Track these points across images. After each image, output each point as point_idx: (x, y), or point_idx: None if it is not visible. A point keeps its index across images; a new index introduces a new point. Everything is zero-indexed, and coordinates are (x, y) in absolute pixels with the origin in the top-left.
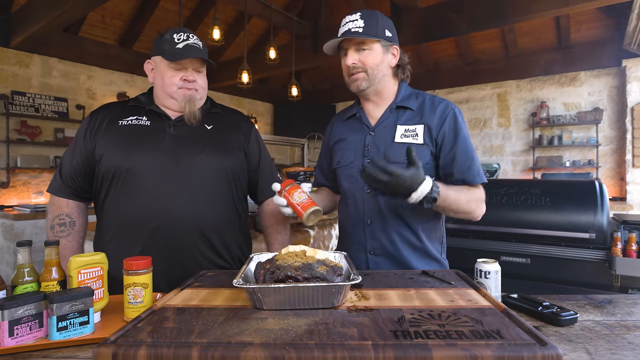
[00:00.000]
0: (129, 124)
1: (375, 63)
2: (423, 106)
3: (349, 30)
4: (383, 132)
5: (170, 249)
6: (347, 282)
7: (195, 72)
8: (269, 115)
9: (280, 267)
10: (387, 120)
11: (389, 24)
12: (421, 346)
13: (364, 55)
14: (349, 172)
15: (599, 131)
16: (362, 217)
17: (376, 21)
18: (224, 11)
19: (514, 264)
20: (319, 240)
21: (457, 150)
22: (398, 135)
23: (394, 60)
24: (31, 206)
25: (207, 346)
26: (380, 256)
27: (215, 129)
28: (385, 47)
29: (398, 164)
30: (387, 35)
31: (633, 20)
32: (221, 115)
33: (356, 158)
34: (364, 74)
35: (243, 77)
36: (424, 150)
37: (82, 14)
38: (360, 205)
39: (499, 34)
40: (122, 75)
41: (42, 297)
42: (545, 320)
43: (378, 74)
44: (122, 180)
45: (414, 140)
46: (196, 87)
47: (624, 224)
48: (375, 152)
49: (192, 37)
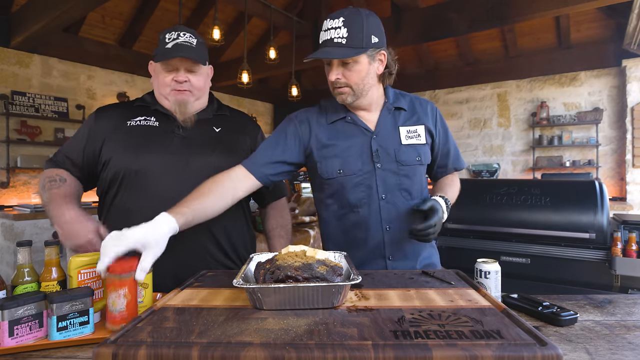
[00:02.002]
0: (137, 125)
1: (361, 77)
2: (413, 106)
3: (330, 39)
4: (387, 135)
5: (180, 250)
6: (347, 282)
7: (188, 72)
8: (269, 115)
9: (280, 267)
10: (387, 122)
11: (376, 26)
12: (421, 346)
13: (348, 70)
14: (357, 180)
15: (599, 131)
16: (380, 224)
17: (361, 27)
18: (224, 11)
19: (514, 264)
20: (319, 240)
21: (450, 145)
22: (403, 137)
23: (381, 67)
24: (31, 206)
25: (207, 346)
26: (398, 260)
27: (223, 131)
28: (371, 56)
29: (411, 165)
30: (373, 42)
31: (633, 20)
32: (228, 117)
33: (364, 164)
34: (348, 88)
35: (243, 77)
36: (427, 149)
37: (82, 14)
38: (376, 212)
39: (499, 34)
40: (122, 75)
41: (42, 297)
42: (545, 320)
43: (364, 87)
44: (132, 182)
45: (417, 141)
46: (189, 88)
47: (624, 224)
48: (386, 156)
49: (184, 35)
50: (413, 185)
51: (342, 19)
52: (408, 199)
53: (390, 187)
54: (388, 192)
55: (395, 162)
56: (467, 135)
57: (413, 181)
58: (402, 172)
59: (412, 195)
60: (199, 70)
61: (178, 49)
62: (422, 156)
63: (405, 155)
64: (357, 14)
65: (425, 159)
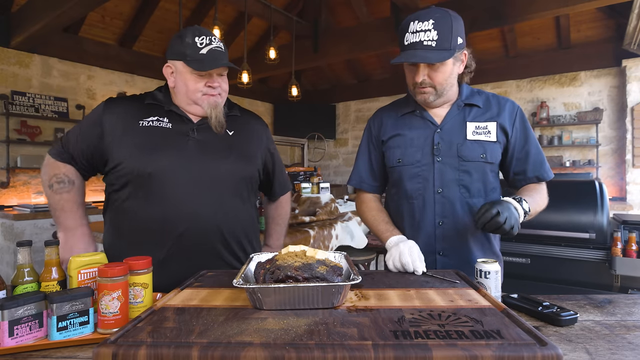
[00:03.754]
0: (150, 126)
1: (445, 78)
2: (489, 103)
3: (420, 42)
4: (452, 130)
5: (194, 254)
6: (347, 282)
7: (219, 77)
8: (269, 115)
9: (280, 267)
10: (455, 117)
11: (462, 27)
12: (421, 346)
13: (434, 71)
14: (415, 171)
15: (599, 131)
16: (433, 218)
17: (450, 29)
18: (224, 11)
19: (514, 264)
20: (319, 240)
21: (530, 148)
22: (470, 133)
23: (462, 67)
24: (31, 206)
25: (207, 346)
26: (448, 257)
27: (236, 135)
28: (455, 57)
29: (474, 162)
30: (459, 43)
31: (633, 20)
32: (239, 119)
33: (423, 156)
34: (432, 89)
35: (243, 77)
36: (496, 148)
37: (82, 14)
38: (431, 206)
39: (499, 34)
40: (122, 75)
41: (42, 297)
42: (545, 320)
43: (447, 87)
44: (145, 185)
45: (486, 138)
46: (220, 92)
47: (624, 224)
48: (447, 150)
49: (215, 40)
50: (473, 183)
51: (433, 21)
52: (466, 196)
53: (448, 182)
54: (445, 186)
55: (456, 157)
56: None
57: (473, 178)
58: (463, 168)
59: (471, 193)
60: (225, 74)
61: (215, 56)
62: (487, 153)
63: (469, 150)
64: (447, 16)
65: (492, 157)
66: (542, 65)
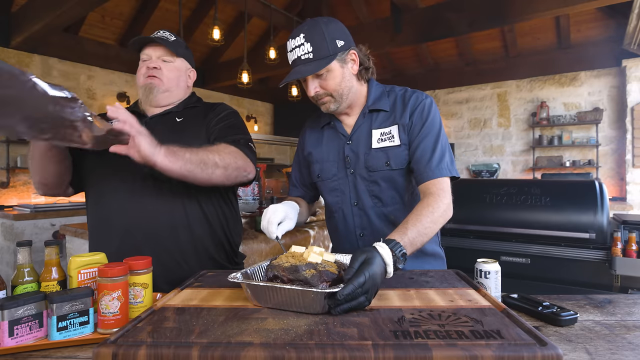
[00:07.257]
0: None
1: (337, 83)
2: (395, 105)
3: (298, 58)
4: (359, 140)
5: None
6: (325, 290)
7: (160, 61)
8: (269, 115)
9: (273, 266)
10: (362, 126)
11: (338, 30)
12: (421, 346)
13: (324, 80)
14: (332, 186)
15: (599, 131)
16: (353, 230)
17: (322, 36)
18: (224, 11)
19: (514, 264)
20: (319, 240)
21: (426, 143)
22: (375, 141)
23: (355, 66)
24: (31, 206)
25: (207, 346)
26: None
27: (184, 121)
28: (341, 59)
29: (380, 171)
30: (339, 46)
31: (633, 20)
32: (197, 109)
33: (339, 170)
34: (329, 97)
35: (243, 77)
36: (401, 152)
37: (82, 14)
38: (350, 218)
39: (499, 34)
40: (122, 76)
41: (42, 297)
42: (545, 320)
43: (344, 91)
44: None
45: (390, 143)
46: (159, 76)
47: (624, 224)
48: (356, 161)
49: (163, 32)
50: (383, 192)
51: (302, 34)
52: (379, 206)
53: (361, 193)
54: (359, 198)
55: (364, 168)
56: (467, 135)
57: (382, 187)
58: (371, 178)
59: (384, 202)
60: (173, 62)
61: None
62: (392, 160)
63: (373, 160)
64: (316, 25)
65: (396, 163)
66: (542, 65)
